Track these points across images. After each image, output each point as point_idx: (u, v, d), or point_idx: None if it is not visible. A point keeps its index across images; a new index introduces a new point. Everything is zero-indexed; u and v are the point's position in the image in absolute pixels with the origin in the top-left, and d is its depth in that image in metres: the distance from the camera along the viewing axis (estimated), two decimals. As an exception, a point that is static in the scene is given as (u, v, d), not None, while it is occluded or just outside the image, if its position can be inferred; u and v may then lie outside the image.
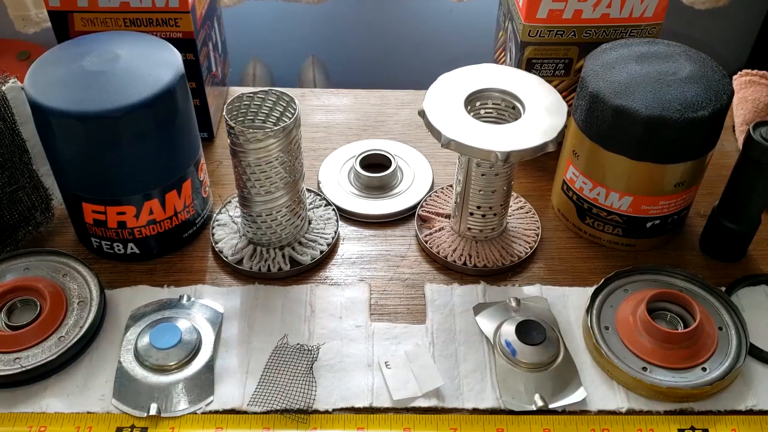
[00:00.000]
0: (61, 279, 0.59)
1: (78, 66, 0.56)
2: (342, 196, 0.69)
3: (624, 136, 0.57)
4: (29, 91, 0.54)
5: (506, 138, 0.54)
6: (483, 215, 0.62)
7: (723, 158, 0.73)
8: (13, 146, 0.58)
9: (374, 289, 0.61)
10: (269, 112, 0.60)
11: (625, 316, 0.56)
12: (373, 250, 0.65)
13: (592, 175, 0.61)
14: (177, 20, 0.66)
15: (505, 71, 0.61)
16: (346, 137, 0.77)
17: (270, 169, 0.56)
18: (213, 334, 0.56)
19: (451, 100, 0.57)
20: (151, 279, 0.61)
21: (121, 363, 0.54)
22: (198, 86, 0.71)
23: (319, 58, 1.40)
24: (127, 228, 0.60)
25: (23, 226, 0.62)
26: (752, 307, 0.60)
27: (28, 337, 0.54)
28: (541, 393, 0.53)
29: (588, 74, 0.59)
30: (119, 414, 0.52)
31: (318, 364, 0.55)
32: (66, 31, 0.66)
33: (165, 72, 0.55)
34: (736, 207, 0.61)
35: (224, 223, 0.65)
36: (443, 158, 0.73)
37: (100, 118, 0.52)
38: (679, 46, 0.61)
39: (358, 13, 1.41)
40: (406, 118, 0.79)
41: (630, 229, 0.63)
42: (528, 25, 0.65)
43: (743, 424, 0.52)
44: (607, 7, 0.64)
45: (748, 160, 0.58)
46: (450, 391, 0.53)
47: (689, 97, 0.56)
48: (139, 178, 0.57)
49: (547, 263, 0.64)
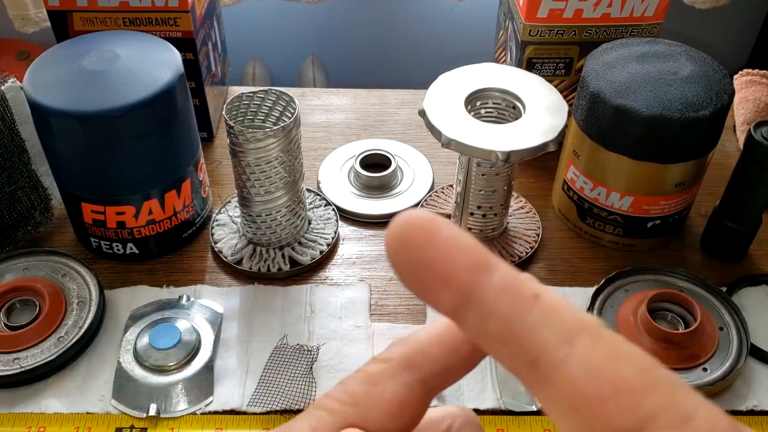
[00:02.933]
0: (60, 279, 0.59)
1: (77, 65, 0.55)
2: (342, 196, 0.68)
3: (624, 135, 0.57)
4: (28, 91, 0.54)
5: (507, 138, 0.54)
6: (483, 215, 0.62)
7: (724, 158, 0.73)
8: (12, 146, 0.58)
9: (374, 290, 0.61)
10: (269, 111, 0.59)
11: (626, 316, 0.56)
12: (373, 250, 0.65)
13: (593, 175, 0.61)
14: (176, 20, 0.66)
15: (505, 71, 0.60)
16: (346, 137, 0.76)
17: (270, 168, 0.56)
18: (212, 334, 0.56)
19: (452, 100, 0.57)
20: (150, 279, 0.61)
21: (121, 363, 0.54)
22: (197, 86, 0.70)
23: (319, 57, 1.39)
24: (127, 228, 0.59)
25: (22, 226, 0.62)
26: (753, 307, 0.59)
27: (28, 338, 0.54)
28: (541, 393, 0.52)
29: (588, 74, 0.59)
30: (118, 414, 0.52)
31: (318, 365, 0.55)
32: (65, 31, 0.66)
33: (164, 72, 0.55)
34: (737, 207, 0.61)
35: (224, 223, 0.65)
36: (443, 158, 0.73)
37: (100, 117, 0.52)
38: (680, 46, 0.61)
39: (358, 13, 1.41)
40: (406, 118, 0.79)
41: (631, 229, 0.63)
42: (528, 25, 0.65)
43: (744, 424, 0.52)
44: (608, 6, 0.64)
45: (749, 160, 0.57)
46: (450, 392, 0.53)
47: (690, 96, 0.55)
48: (139, 177, 0.57)
49: (547, 263, 0.64)
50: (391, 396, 0.21)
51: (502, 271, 0.17)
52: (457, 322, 0.18)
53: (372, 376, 0.22)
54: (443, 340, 0.22)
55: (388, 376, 0.21)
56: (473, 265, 0.17)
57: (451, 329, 0.22)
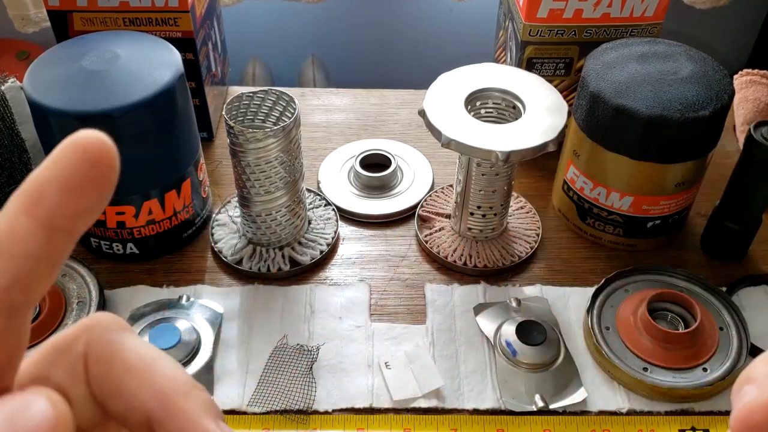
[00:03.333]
0: (60, 279, 0.59)
1: (77, 66, 0.55)
2: (342, 196, 0.68)
3: (624, 135, 0.57)
4: (28, 91, 0.54)
5: (507, 138, 0.54)
6: (483, 215, 0.62)
7: (724, 158, 0.73)
8: (12, 146, 0.58)
9: (374, 290, 0.61)
10: (269, 111, 0.59)
11: (626, 316, 0.56)
12: (373, 250, 0.65)
13: (593, 175, 0.61)
14: (176, 20, 0.66)
15: (505, 71, 0.60)
16: (346, 137, 0.76)
17: (270, 168, 0.56)
18: (212, 334, 0.56)
19: (452, 100, 0.57)
20: (150, 279, 0.61)
21: (121, 363, 0.54)
22: (197, 86, 0.70)
23: (319, 57, 1.39)
24: (127, 228, 0.59)
25: (22, 226, 0.61)
26: (753, 307, 0.59)
27: (27, 338, 0.54)
28: (541, 393, 0.52)
29: (588, 74, 0.59)
30: (118, 414, 0.52)
31: (318, 365, 0.55)
32: (65, 31, 0.66)
33: (164, 72, 0.55)
34: (737, 207, 0.61)
35: (224, 223, 0.65)
36: (443, 158, 0.73)
37: (100, 117, 0.52)
38: (680, 46, 0.61)
39: (358, 13, 1.41)
40: (406, 118, 0.79)
41: (631, 229, 0.63)
42: (528, 25, 0.65)
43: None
44: (608, 6, 0.64)
45: (749, 160, 0.57)
46: (450, 392, 0.53)
47: (690, 96, 0.55)
48: (139, 177, 0.57)
49: (547, 263, 0.64)
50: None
51: None
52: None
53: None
54: (10, 246, 0.17)
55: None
56: None
57: (13, 228, 0.17)
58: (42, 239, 0.17)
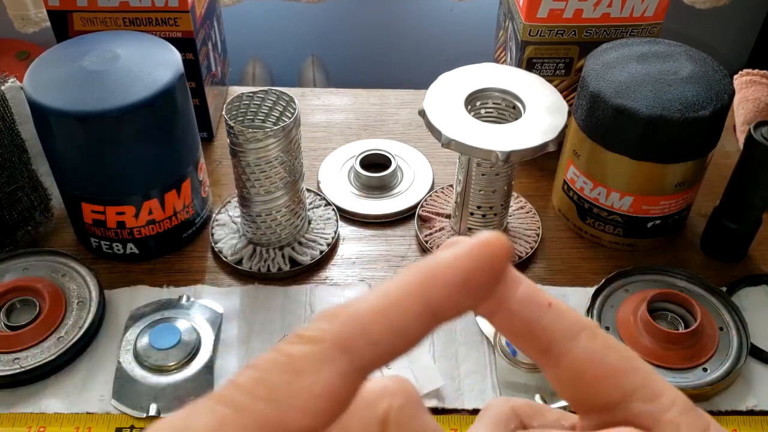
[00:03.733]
0: (60, 279, 0.59)
1: (77, 66, 0.55)
2: (342, 196, 0.68)
3: (625, 135, 0.57)
4: (28, 91, 0.54)
5: (507, 138, 0.54)
6: (483, 215, 0.62)
7: (724, 158, 0.73)
8: (12, 146, 0.58)
9: (374, 290, 0.61)
10: (269, 111, 0.59)
11: (626, 316, 0.56)
12: (373, 250, 0.65)
13: (593, 175, 0.61)
14: (176, 20, 0.66)
15: (505, 71, 0.60)
16: (346, 137, 0.76)
17: (270, 168, 0.56)
18: (212, 334, 0.56)
19: (452, 100, 0.57)
20: (150, 279, 0.61)
21: (121, 363, 0.54)
22: (197, 86, 0.70)
23: (319, 57, 1.39)
24: (127, 228, 0.59)
25: (22, 226, 0.62)
26: (753, 308, 0.59)
27: (28, 338, 0.54)
28: (541, 393, 0.52)
29: (588, 74, 0.59)
30: (119, 414, 0.52)
31: (318, 365, 0.54)
32: (65, 31, 0.66)
33: (164, 72, 0.55)
34: (737, 207, 0.61)
35: (224, 223, 0.65)
36: (443, 158, 0.73)
37: (100, 117, 0.52)
38: (680, 46, 0.61)
39: (358, 13, 1.41)
40: (406, 118, 0.79)
41: (631, 229, 0.63)
42: (528, 25, 0.65)
43: (744, 424, 0.52)
44: (608, 6, 0.64)
45: (749, 160, 0.57)
46: (450, 392, 0.53)
47: (690, 96, 0.55)
48: (139, 178, 0.57)
49: (547, 263, 0.64)
50: (320, 390, 0.16)
51: (525, 284, 0.21)
52: (489, 320, 0.21)
53: (296, 362, 0.16)
54: (389, 316, 0.17)
55: (319, 362, 0.16)
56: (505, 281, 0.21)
57: (400, 302, 0.18)
58: (423, 326, 0.18)
